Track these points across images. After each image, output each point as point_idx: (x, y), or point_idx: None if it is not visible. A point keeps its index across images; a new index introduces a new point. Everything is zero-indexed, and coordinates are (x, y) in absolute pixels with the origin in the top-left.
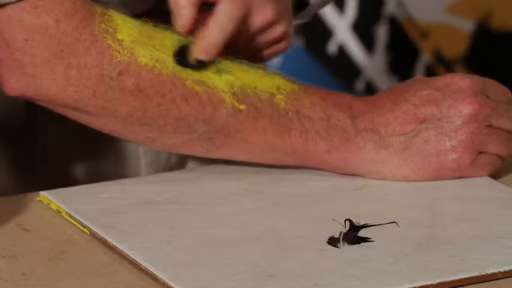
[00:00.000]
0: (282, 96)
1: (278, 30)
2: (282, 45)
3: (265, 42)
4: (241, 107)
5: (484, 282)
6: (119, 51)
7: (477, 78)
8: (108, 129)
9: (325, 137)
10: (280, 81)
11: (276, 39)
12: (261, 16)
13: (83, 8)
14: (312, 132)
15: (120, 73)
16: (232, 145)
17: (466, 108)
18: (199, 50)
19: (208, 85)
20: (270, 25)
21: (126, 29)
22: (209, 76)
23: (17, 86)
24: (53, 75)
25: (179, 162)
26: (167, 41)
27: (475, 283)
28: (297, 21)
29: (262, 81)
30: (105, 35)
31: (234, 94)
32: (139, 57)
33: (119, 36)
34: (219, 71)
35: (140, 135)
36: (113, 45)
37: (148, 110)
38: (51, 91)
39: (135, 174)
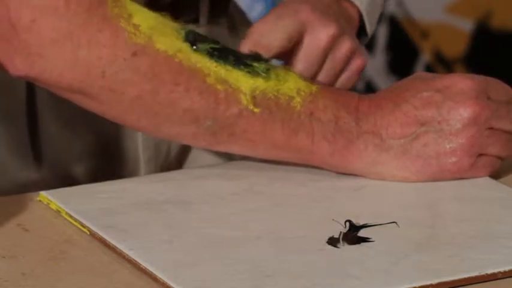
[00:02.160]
0: (299, 99)
1: (345, 45)
2: (357, 62)
3: (337, 60)
4: (256, 110)
5: (484, 282)
6: (134, 34)
7: (478, 79)
8: (110, 114)
9: (331, 140)
10: (301, 83)
11: (346, 55)
12: (324, 31)
13: None
14: (318, 135)
15: (134, 54)
16: (236, 142)
17: (466, 111)
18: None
19: (231, 85)
20: (334, 40)
21: (142, 16)
22: (237, 76)
23: (21, 67)
24: (61, 55)
25: (178, 158)
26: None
27: (475, 283)
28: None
29: (286, 84)
30: (119, 18)
31: (254, 97)
32: (157, 43)
33: (135, 21)
34: (252, 72)
35: (143, 122)
36: (128, 28)
37: (160, 95)
38: (56, 71)
39: (133, 170)
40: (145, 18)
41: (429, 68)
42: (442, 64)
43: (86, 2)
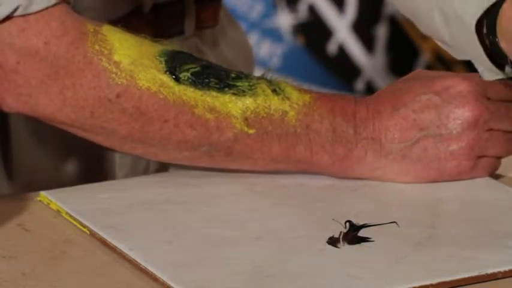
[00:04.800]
0: (293, 113)
1: None
2: None
3: None
4: (251, 131)
5: (484, 282)
6: (116, 74)
7: (477, 79)
8: (106, 144)
9: (330, 150)
10: (294, 94)
11: None
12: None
13: (73, 28)
14: (317, 147)
15: (118, 96)
16: (235, 161)
17: (465, 115)
18: None
19: (220, 112)
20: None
21: (123, 50)
22: (224, 101)
23: (14, 105)
24: (49, 96)
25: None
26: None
27: (475, 283)
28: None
29: (277, 98)
30: (100, 56)
31: (246, 119)
32: (139, 80)
33: (116, 58)
34: (238, 93)
35: (139, 151)
36: (109, 67)
37: (150, 133)
38: (47, 111)
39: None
40: (126, 52)
41: (429, 68)
42: (442, 64)
43: (65, 41)
